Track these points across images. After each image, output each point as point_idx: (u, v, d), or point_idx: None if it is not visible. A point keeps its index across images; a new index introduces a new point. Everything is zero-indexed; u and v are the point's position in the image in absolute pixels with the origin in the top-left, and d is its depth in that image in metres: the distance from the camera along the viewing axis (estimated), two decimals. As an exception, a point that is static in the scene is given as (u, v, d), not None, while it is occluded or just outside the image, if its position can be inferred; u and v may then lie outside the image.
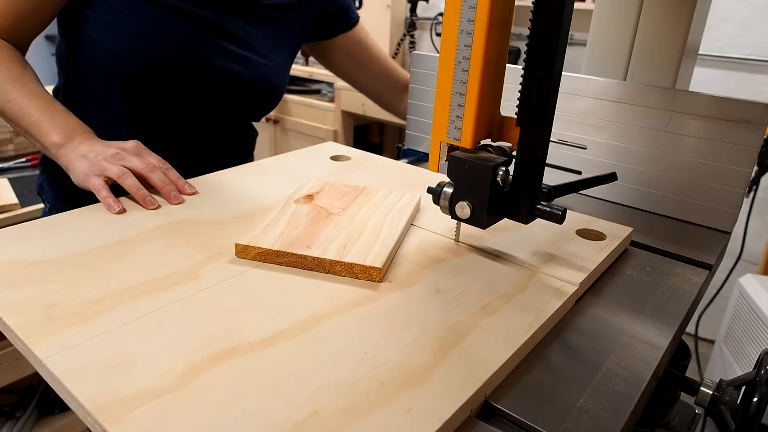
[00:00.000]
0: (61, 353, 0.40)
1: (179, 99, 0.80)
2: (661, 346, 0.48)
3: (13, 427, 1.39)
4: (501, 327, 0.46)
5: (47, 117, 0.68)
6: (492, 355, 0.42)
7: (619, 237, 0.63)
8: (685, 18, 0.77)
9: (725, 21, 1.76)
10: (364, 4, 2.11)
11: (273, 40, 0.87)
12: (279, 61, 0.88)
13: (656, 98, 0.75)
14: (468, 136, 0.53)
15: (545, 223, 0.63)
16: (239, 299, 0.48)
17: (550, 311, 0.49)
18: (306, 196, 0.67)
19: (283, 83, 0.91)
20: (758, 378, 0.48)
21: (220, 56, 0.80)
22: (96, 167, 0.64)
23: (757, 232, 1.82)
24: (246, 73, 0.83)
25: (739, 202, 0.72)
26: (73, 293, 0.47)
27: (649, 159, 0.77)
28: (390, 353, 0.42)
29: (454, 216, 0.56)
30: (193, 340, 0.42)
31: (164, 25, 0.75)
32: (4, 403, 1.44)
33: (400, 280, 0.53)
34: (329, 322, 0.45)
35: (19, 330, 0.42)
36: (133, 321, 0.44)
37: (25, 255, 0.52)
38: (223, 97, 0.84)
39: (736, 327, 1.52)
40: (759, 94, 1.75)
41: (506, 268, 0.56)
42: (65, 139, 0.67)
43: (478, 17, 0.48)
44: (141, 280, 0.49)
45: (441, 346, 0.43)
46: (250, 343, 0.42)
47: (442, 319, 0.47)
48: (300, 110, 2.24)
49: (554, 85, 0.49)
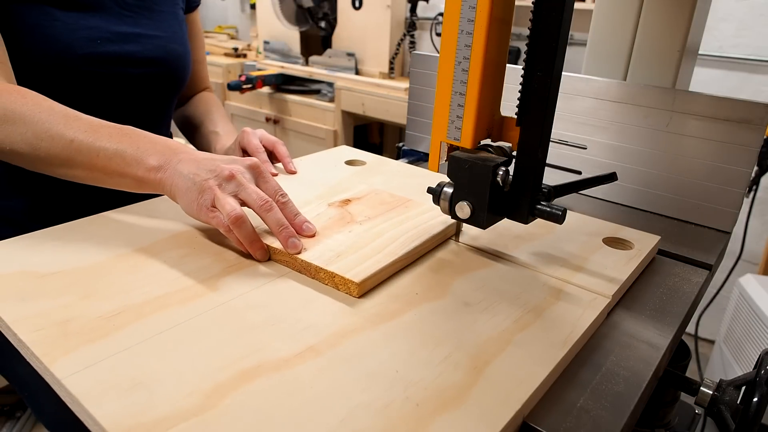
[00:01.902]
0: (80, 372, 0.38)
1: (84, 97, 0.74)
2: (661, 346, 0.47)
3: (13, 427, 1.39)
4: (535, 343, 0.44)
5: (127, 144, 0.56)
6: (528, 374, 0.40)
7: (648, 246, 0.62)
8: (685, 18, 0.77)
9: (725, 21, 1.76)
10: (364, 4, 2.11)
11: (158, 9, 0.82)
12: (172, 31, 0.84)
13: (656, 98, 0.75)
14: (468, 136, 0.53)
15: (570, 231, 0.64)
16: (262, 313, 0.46)
17: (584, 325, 0.47)
18: (343, 201, 0.65)
19: (185, 51, 0.86)
20: (758, 378, 0.48)
21: (110, 41, 0.74)
22: (207, 195, 0.53)
23: (757, 232, 1.82)
24: (143, 51, 0.78)
25: (739, 202, 0.72)
26: (89, 307, 0.45)
27: (649, 159, 0.77)
28: (422, 372, 0.40)
29: (454, 216, 0.56)
30: (216, 358, 0.40)
31: (43, 24, 0.69)
32: (4, 403, 1.44)
33: (426, 292, 0.51)
34: (357, 338, 0.43)
35: (35, 347, 0.40)
36: (153, 337, 0.42)
37: (36, 266, 0.51)
38: (130, 83, 0.78)
39: (736, 327, 1.52)
40: (759, 94, 1.75)
41: (535, 279, 0.54)
42: (162, 160, 0.56)
43: (478, 17, 0.48)
44: (159, 293, 0.47)
45: (475, 364, 0.41)
46: (275, 360, 0.40)
47: (474, 334, 0.45)
48: (300, 110, 2.24)
49: (554, 85, 0.49)
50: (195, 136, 0.97)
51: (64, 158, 0.57)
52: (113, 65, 0.75)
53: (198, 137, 0.96)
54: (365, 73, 2.17)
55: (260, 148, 0.78)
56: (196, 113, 0.97)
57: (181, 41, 0.86)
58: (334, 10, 2.22)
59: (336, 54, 2.22)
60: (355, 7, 2.13)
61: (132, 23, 0.78)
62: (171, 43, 0.83)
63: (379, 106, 1.99)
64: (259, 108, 2.37)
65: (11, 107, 0.58)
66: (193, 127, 0.97)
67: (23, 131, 0.58)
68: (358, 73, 2.17)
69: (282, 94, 2.28)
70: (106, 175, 0.57)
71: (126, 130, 0.58)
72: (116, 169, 0.56)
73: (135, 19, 0.79)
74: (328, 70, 2.22)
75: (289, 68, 2.32)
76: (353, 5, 2.13)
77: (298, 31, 2.33)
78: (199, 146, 0.95)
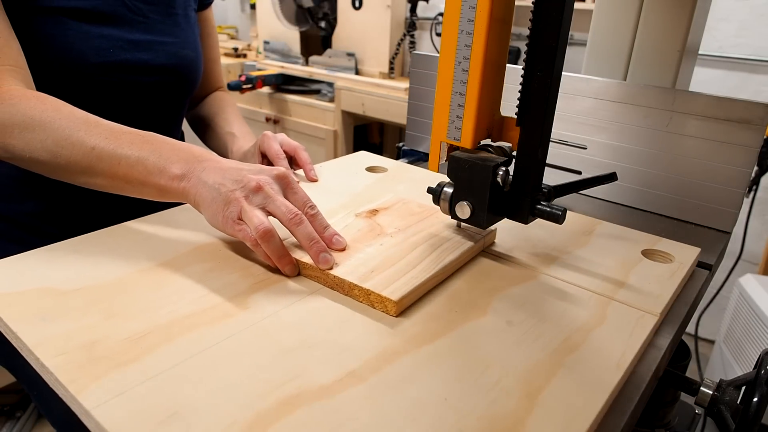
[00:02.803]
0: (110, 402, 0.35)
1: (97, 103, 0.73)
2: (661, 346, 0.47)
3: (13, 427, 1.39)
4: (587, 366, 0.42)
5: (150, 151, 0.54)
6: (586, 401, 0.38)
7: (689, 259, 0.60)
8: (685, 18, 0.77)
9: (725, 21, 1.76)
10: (364, 4, 2.11)
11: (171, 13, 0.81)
12: (184, 36, 0.83)
13: (656, 98, 0.75)
14: (468, 136, 0.53)
15: (606, 243, 0.62)
16: (296, 334, 0.43)
17: (636, 346, 0.44)
18: (370, 211, 0.63)
19: (197, 55, 0.85)
20: (758, 378, 0.48)
21: (123, 50, 0.74)
22: (234, 207, 0.51)
23: (757, 232, 1.82)
24: (155, 59, 0.77)
25: (739, 202, 0.72)
26: (115, 328, 0.42)
27: (649, 159, 0.77)
28: (473, 399, 0.37)
29: (454, 216, 0.56)
30: (253, 385, 0.37)
31: (56, 33, 0.68)
32: (4, 403, 1.44)
33: (465, 310, 0.48)
34: (399, 362, 0.41)
35: (61, 373, 0.37)
36: (185, 361, 0.39)
37: (57, 282, 0.48)
38: (142, 90, 0.78)
39: (736, 327, 1.52)
40: (759, 94, 1.75)
41: (577, 295, 0.52)
42: (186, 169, 0.53)
43: (478, 17, 0.48)
44: (186, 312, 0.45)
45: (528, 391, 0.39)
46: (316, 388, 0.38)
47: (522, 357, 0.42)
48: (300, 110, 2.24)
49: (554, 85, 0.49)
50: (209, 137, 0.95)
51: (84, 166, 0.56)
52: (126, 73, 0.75)
53: (212, 138, 0.94)
54: (365, 73, 2.17)
55: (281, 154, 0.75)
56: (209, 113, 0.96)
57: (193, 46, 0.85)
58: (334, 10, 2.22)
59: (336, 54, 2.22)
60: (355, 7, 2.13)
61: (144, 29, 0.77)
62: (183, 48, 0.83)
63: (379, 106, 1.99)
64: (259, 108, 2.37)
65: (30, 113, 0.57)
66: (207, 127, 0.96)
67: (43, 138, 0.56)
68: (358, 73, 2.17)
69: (282, 94, 2.28)
70: (127, 184, 0.56)
71: (147, 137, 0.56)
72: (138, 177, 0.54)
73: (148, 25, 0.78)
74: (328, 70, 2.22)
75: (289, 68, 2.32)
76: (353, 5, 2.13)
77: (298, 31, 2.33)
78: (214, 147, 0.94)
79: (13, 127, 0.57)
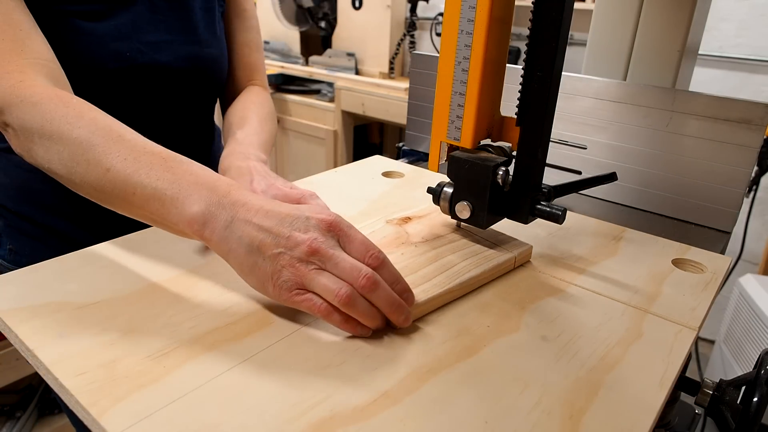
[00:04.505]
0: (134, 426, 0.33)
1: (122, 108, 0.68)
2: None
3: (13, 427, 1.39)
4: (629, 384, 0.40)
5: (167, 182, 0.46)
6: (632, 423, 0.36)
7: (722, 269, 0.58)
8: (685, 18, 0.77)
9: (725, 21, 1.76)
10: (364, 4, 2.11)
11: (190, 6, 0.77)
12: (207, 33, 0.79)
13: (656, 98, 0.75)
14: (468, 136, 0.53)
15: (633, 252, 0.61)
16: (324, 351, 0.41)
17: (677, 363, 0.42)
18: (402, 218, 0.61)
19: (220, 53, 0.80)
20: (758, 378, 0.48)
21: (141, 53, 0.70)
22: (287, 274, 0.43)
23: (757, 232, 1.82)
24: (175, 60, 0.73)
25: (739, 202, 0.72)
26: (136, 345, 0.41)
27: (649, 159, 0.77)
28: (514, 422, 0.36)
29: (454, 216, 0.56)
30: (284, 407, 0.36)
31: (70, 39, 0.65)
32: (4, 403, 1.44)
33: (497, 324, 0.46)
34: (433, 381, 0.39)
35: (81, 395, 0.35)
36: (211, 381, 0.38)
37: (72, 296, 0.46)
38: (164, 91, 0.74)
39: (736, 327, 1.52)
40: (759, 94, 1.75)
41: (611, 308, 0.50)
42: (204, 207, 0.45)
43: (478, 17, 0.48)
44: (209, 328, 0.43)
45: (570, 412, 0.37)
46: (350, 409, 0.36)
47: (561, 375, 0.40)
48: (300, 110, 2.25)
49: (554, 85, 0.49)
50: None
51: (98, 188, 0.50)
52: (145, 77, 0.72)
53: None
54: (365, 73, 2.17)
55: (303, 190, 0.62)
56: (231, 122, 0.83)
57: (217, 44, 0.80)
58: (334, 10, 2.22)
59: (336, 54, 2.22)
60: (355, 7, 2.13)
61: (164, 29, 0.74)
62: (206, 47, 0.78)
63: (379, 106, 1.99)
64: (259, 108, 2.36)
65: (50, 117, 0.52)
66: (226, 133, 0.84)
67: (60, 149, 0.51)
68: (358, 73, 2.18)
69: (282, 94, 2.28)
70: (144, 219, 0.50)
71: (170, 162, 0.48)
72: (154, 213, 0.47)
73: (167, 23, 0.74)
74: (328, 70, 2.22)
75: (289, 68, 2.32)
76: (353, 5, 2.13)
77: (298, 31, 2.34)
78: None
79: (33, 132, 0.53)
